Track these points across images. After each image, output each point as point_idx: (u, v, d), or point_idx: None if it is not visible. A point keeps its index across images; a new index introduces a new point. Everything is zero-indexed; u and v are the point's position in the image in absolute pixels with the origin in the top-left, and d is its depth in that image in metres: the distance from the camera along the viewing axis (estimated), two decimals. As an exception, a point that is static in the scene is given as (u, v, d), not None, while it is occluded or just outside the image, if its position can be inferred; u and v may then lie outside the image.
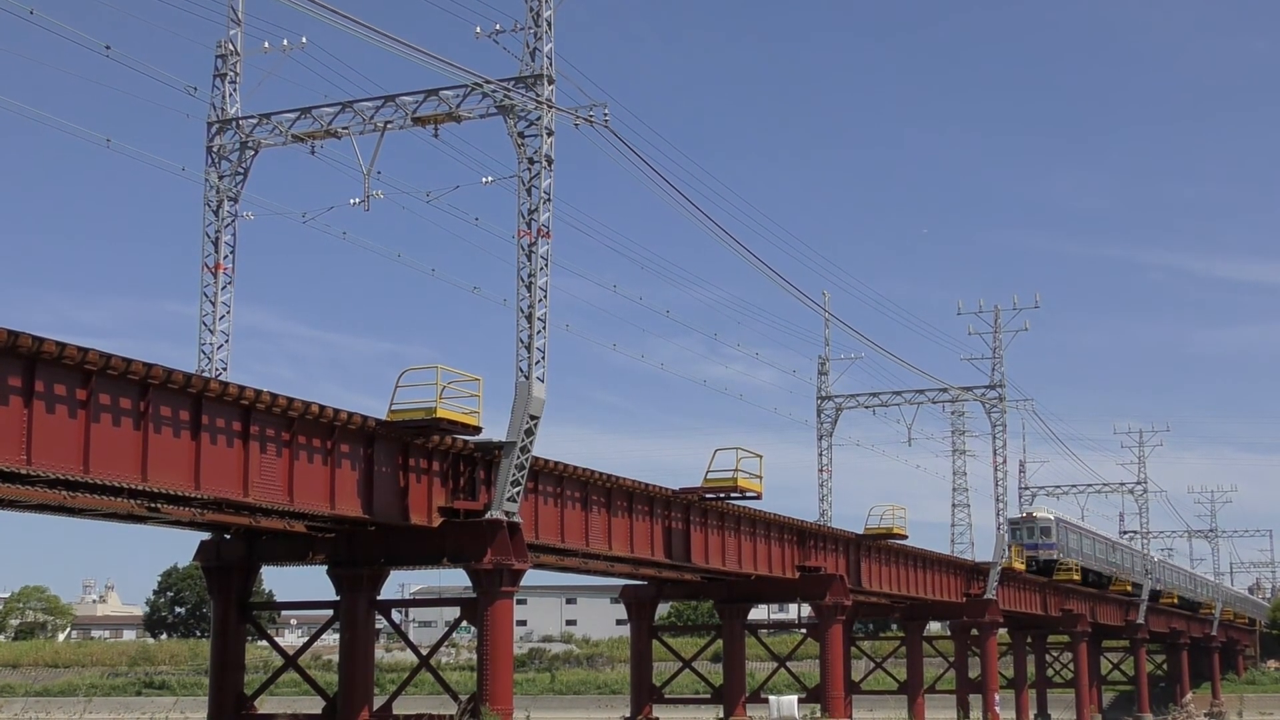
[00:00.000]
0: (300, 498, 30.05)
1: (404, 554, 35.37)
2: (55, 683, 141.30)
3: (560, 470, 38.33)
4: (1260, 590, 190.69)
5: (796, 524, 53.41)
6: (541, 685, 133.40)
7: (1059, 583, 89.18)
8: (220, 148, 35.69)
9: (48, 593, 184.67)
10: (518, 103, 34.05)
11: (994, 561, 72.67)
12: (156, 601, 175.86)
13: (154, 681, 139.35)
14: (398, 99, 35.06)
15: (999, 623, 76.45)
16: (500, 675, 34.12)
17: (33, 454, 24.01)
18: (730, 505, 47.20)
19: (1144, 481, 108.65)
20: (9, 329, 23.43)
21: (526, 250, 33.97)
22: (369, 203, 35.16)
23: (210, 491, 27.82)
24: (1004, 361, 73.81)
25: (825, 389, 72.85)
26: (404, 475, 33.17)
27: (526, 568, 34.80)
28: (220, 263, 34.92)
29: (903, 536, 60.08)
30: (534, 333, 33.90)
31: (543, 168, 34.03)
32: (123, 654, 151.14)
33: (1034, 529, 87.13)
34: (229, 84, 36.10)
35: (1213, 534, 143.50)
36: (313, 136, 35.86)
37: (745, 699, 55.80)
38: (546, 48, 34.42)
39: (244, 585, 36.93)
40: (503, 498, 33.66)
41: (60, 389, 24.50)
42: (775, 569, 52.03)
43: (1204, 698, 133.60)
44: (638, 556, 43.17)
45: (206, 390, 27.52)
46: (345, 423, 30.99)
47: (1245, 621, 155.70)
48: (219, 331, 34.68)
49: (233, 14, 36.06)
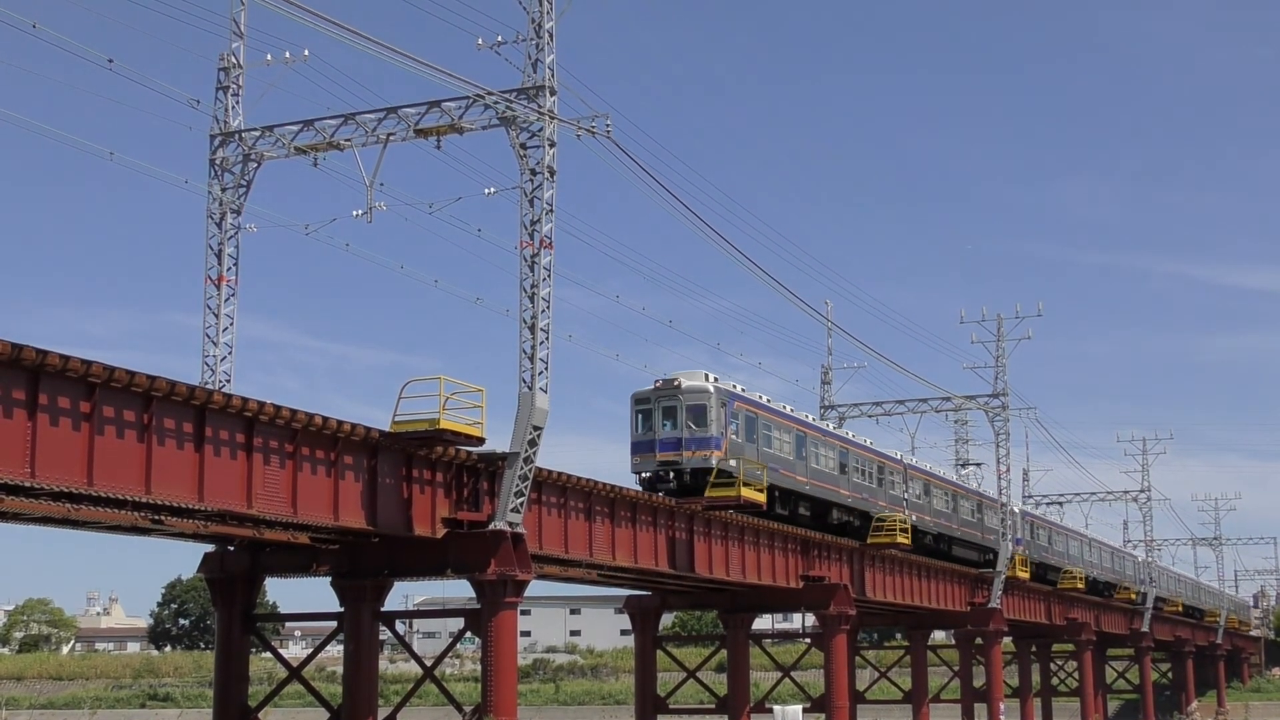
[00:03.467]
0: (304, 509, 30.05)
1: (408, 565, 35.35)
2: (60, 695, 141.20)
3: (564, 480, 38.33)
4: (1265, 598, 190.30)
5: (800, 533, 53.37)
6: (546, 696, 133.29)
7: (1064, 591, 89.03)
8: (223, 160, 35.72)
9: (52, 605, 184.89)
10: (520, 114, 34.09)
11: (998, 570, 72.55)
12: (160, 614, 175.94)
13: (158, 694, 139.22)
14: (400, 111, 35.10)
15: (1003, 631, 76.28)
16: (504, 686, 34.07)
17: (37, 466, 24.03)
18: (734, 515, 47.23)
19: (1148, 489, 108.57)
20: (12, 342, 23.46)
21: (529, 261, 33.98)
22: (372, 214, 35.18)
23: (214, 504, 27.83)
24: (1007, 370, 73.81)
25: (828, 398, 72.93)
26: (407, 486, 33.17)
27: (530, 578, 34.76)
28: (223, 275, 34.93)
29: (906, 545, 60.00)
30: (537, 343, 33.92)
31: (545, 179, 34.06)
32: (127, 666, 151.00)
33: (673, 409, 46.46)
34: (231, 96, 36.14)
35: (1217, 541, 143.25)
36: (315, 149, 35.89)
37: (750, 709, 55.69)
38: (548, 59, 34.47)
39: (248, 597, 36.89)
40: (506, 508, 33.65)
41: (64, 401, 24.51)
42: (779, 578, 51.99)
43: (1209, 706, 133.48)
44: (641, 567, 43.14)
45: (210, 402, 27.54)
46: (349, 434, 31.00)
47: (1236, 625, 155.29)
48: (222, 343, 34.68)
49: (235, 27, 36.11)
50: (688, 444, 45.87)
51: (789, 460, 52.26)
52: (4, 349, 23.17)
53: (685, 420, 46.04)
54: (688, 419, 46.06)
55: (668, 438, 46.21)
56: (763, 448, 49.72)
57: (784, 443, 51.80)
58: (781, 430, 51.43)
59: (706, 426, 45.95)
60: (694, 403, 46.30)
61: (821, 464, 55.72)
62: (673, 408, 46.42)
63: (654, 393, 46.82)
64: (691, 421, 45.98)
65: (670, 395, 46.51)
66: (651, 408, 46.65)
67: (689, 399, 46.31)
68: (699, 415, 46.10)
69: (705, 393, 46.30)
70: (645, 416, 46.78)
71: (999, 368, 73.76)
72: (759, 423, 49.80)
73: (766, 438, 50.30)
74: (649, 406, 46.75)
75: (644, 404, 46.84)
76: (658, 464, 45.77)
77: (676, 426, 46.17)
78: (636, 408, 47.05)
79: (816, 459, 55.27)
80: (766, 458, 49.86)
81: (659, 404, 46.63)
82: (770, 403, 51.74)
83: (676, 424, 46.19)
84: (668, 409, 46.51)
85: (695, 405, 46.27)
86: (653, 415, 46.55)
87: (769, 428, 50.95)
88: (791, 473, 52.53)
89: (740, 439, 47.76)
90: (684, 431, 45.95)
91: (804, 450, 54.13)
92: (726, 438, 46.48)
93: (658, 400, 46.67)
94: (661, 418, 46.49)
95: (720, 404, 46.55)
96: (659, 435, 46.33)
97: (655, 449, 46.11)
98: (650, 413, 46.63)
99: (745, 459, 46.98)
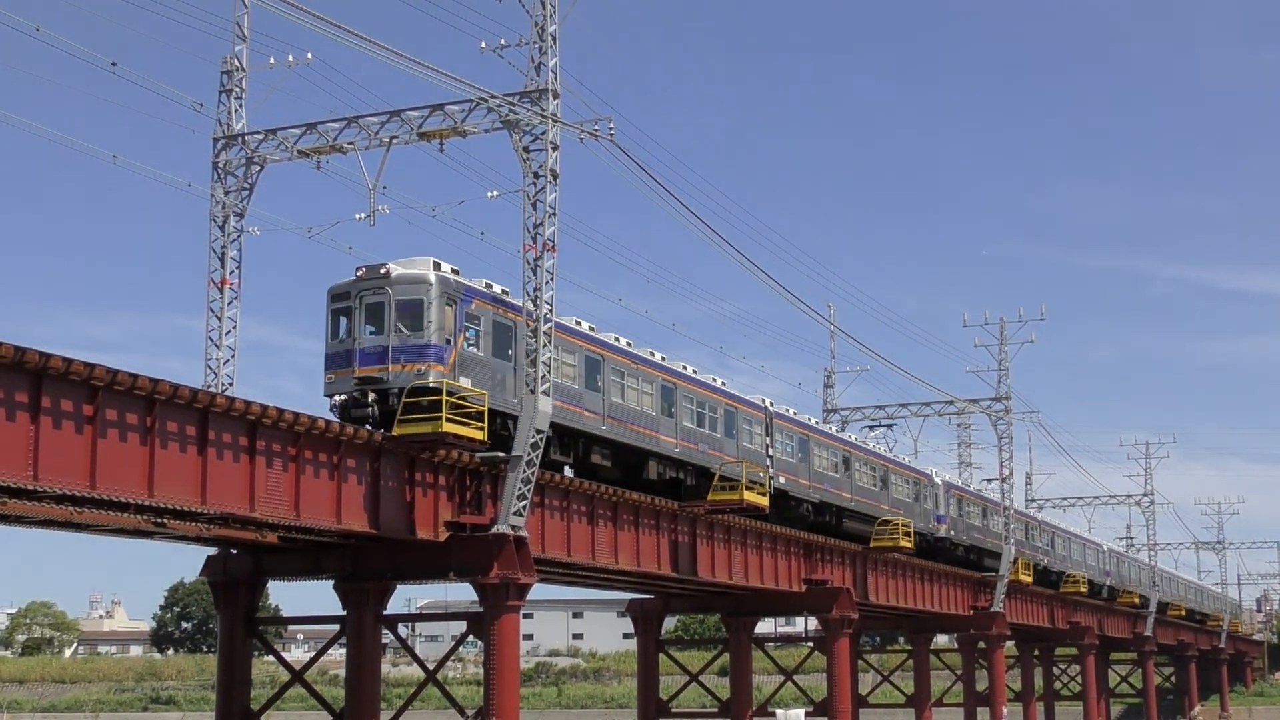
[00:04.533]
0: (307, 512, 30.06)
1: (410, 568, 35.36)
2: (62, 698, 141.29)
3: (566, 484, 38.31)
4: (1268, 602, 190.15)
5: (803, 537, 53.34)
6: (548, 699, 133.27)
7: (1066, 595, 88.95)
8: (226, 163, 35.74)
9: (54, 608, 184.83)
10: (523, 117, 34.10)
11: (1001, 574, 72.48)
12: (163, 617, 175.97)
13: (161, 697, 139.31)
14: (403, 114, 35.11)
15: (1006, 635, 76.23)
16: (507, 690, 34.06)
17: (39, 469, 24.04)
18: (737, 519, 47.16)
19: (1151, 493, 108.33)
20: (15, 345, 23.48)
21: (532, 264, 33.99)
22: (374, 217, 35.15)
23: (217, 507, 27.83)
24: (1010, 373, 73.78)
25: (831, 401, 72.84)
26: (410, 490, 33.18)
27: (533, 582, 34.78)
28: (226, 278, 34.93)
29: (909, 549, 59.94)
30: (540, 347, 33.93)
31: (548, 182, 34.06)
32: (129, 669, 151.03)
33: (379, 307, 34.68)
34: (235, 100, 36.15)
35: (1220, 545, 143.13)
36: (318, 152, 35.92)
37: (752, 713, 55.72)
38: (551, 62, 34.48)
39: (250, 600, 36.91)
40: (509, 512, 33.64)
41: (67, 404, 24.53)
42: (782, 582, 51.98)
43: (1212, 710, 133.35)
44: (644, 571, 43.13)
45: (213, 405, 27.55)
46: (352, 437, 31.02)
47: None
48: (225, 346, 34.69)
49: (238, 30, 36.13)
50: (396, 355, 33.53)
51: (572, 390, 38.66)
52: (7, 352, 23.18)
53: (394, 322, 33.63)
54: (398, 320, 33.67)
55: (371, 347, 33.81)
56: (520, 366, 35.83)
57: (562, 364, 37.88)
58: (558, 346, 36.73)
59: (423, 330, 33.48)
60: (407, 297, 33.73)
61: (628, 399, 41.56)
62: (379, 305, 33.93)
63: (355, 285, 34.43)
64: (403, 323, 33.61)
65: (375, 288, 34.06)
66: (351, 305, 34.28)
67: (401, 292, 33.77)
68: (413, 314, 33.64)
69: (423, 283, 33.77)
70: (343, 319, 34.52)
71: (1002, 371, 73.76)
72: (514, 332, 35.98)
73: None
74: (348, 304, 34.43)
75: (342, 301, 34.55)
76: (355, 382, 33.46)
77: (382, 331, 33.79)
78: (333, 307, 34.73)
79: (620, 392, 41.19)
80: None
81: (361, 301, 34.20)
82: None
83: (383, 327, 33.81)
84: (372, 307, 34.07)
85: (408, 301, 33.71)
86: (353, 316, 34.24)
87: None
88: (577, 406, 38.87)
89: (482, 352, 34.96)
90: (392, 337, 33.58)
91: (598, 378, 40.09)
92: (457, 348, 33.95)
93: (360, 295, 34.24)
94: (364, 319, 34.20)
95: (446, 300, 33.85)
96: (360, 344, 33.94)
97: (354, 362, 33.82)
98: (350, 312, 34.30)
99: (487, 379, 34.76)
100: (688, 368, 46.16)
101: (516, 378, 35.35)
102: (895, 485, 62.82)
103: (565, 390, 37.75)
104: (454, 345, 33.93)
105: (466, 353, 34.31)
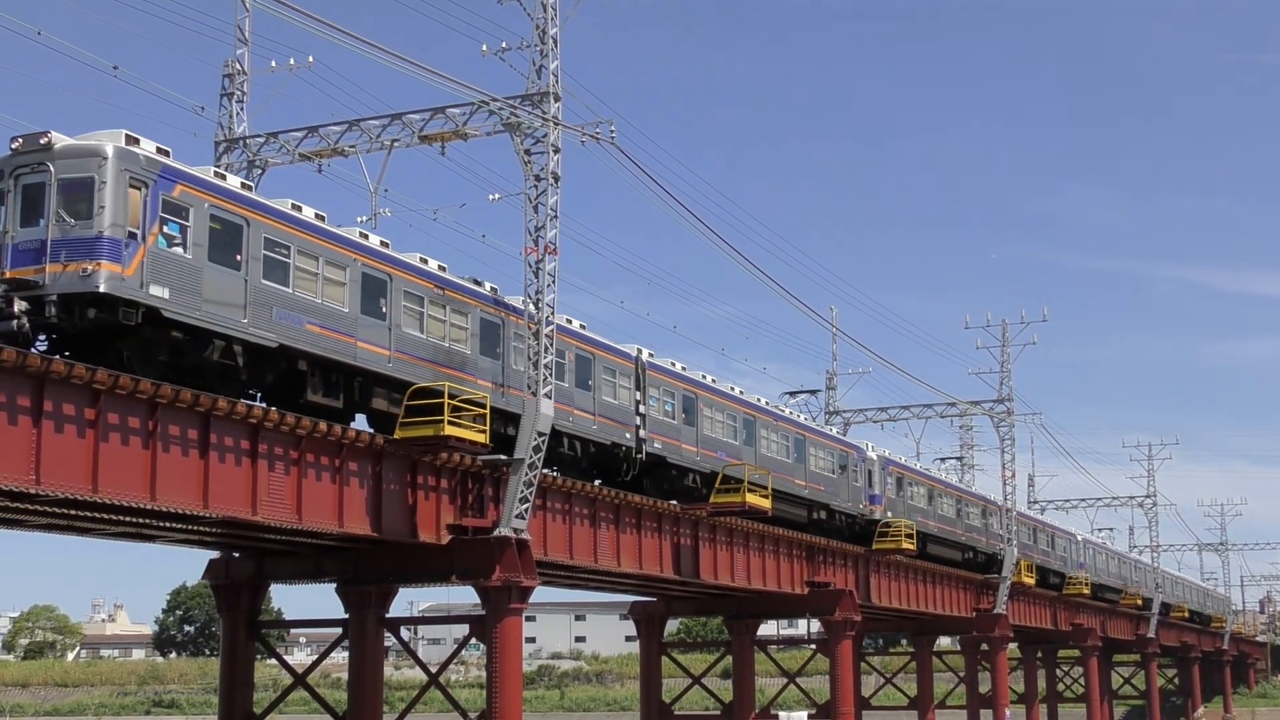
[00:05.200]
0: (309, 516, 30.05)
1: (413, 571, 35.36)
2: (65, 702, 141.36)
3: (569, 487, 38.31)
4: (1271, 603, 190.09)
5: (805, 539, 53.29)
6: (551, 702, 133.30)
7: (1069, 596, 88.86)
8: (228, 166, 35.76)
9: (57, 612, 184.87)
10: (524, 120, 34.10)
11: (1004, 575, 72.45)
12: (165, 620, 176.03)
13: (163, 700, 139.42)
14: (404, 117, 35.13)
15: (1009, 637, 76.19)
16: (509, 692, 34.05)
17: (41, 473, 24.04)
18: (739, 521, 47.12)
19: (1153, 495, 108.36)
20: (17, 349, 23.50)
21: (533, 267, 34.00)
22: (376, 220, 35.17)
23: (219, 510, 27.82)
24: (1012, 375, 73.84)
25: (833, 403, 72.79)
26: (412, 493, 33.17)
27: (535, 584, 34.77)
28: (227, 281, 34.64)
29: (912, 551, 59.91)
30: (541, 349, 33.92)
31: (549, 184, 34.07)
32: (132, 673, 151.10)
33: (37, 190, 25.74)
34: (236, 103, 36.21)
35: (1223, 547, 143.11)
36: (320, 155, 35.96)
37: (755, 715, 55.68)
38: (553, 65, 34.49)
39: (253, 603, 36.91)
40: (511, 515, 33.64)
41: (69, 408, 24.52)
42: (784, 584, 51.95)
43: (1215, 712, 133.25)
44: (646, 573, 43.11)
45: (215, 409, 27.52)
46: (353, 441, 30.99)
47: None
48: (227, 350, 34.44)
49: (240, 34, 36.19)
50: (56, 250, 25.01)
51: (338, 313, 30.16)
52: (9, 356, 23.18)
53: (55, 208, 25.26)
54: (61, 205, 25.26)
55: (25, 242, 25.32)
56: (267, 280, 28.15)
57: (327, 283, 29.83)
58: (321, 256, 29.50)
59: (92, 219, 25.09)
60: (73, 175, 25.33)
61: (429, 331, 33.01)
62: (38, 186, 25.51)
63: (9, 161, 26.02)
64: (66, 209, 25.22)
65: (34, 164, 25.63)
66: (4, 188, 25.91)
67: (66, 169, 25.38)
68: (81, 198, 25.22)
69: (96, 157, 25.42)
70: None
71: (1004, 373, 73.80)
72: (245, 234, 27.86)
73: (274, 262, 28.38)
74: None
75: None
76: (2, 287, 24.93)
77: (39, 218, 25.39)
78: None
79: (420, 323, 32.70)
80: (281, 300, 28.42)
81: (17, 181, 25.75)
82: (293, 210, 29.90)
83: (40, 213, 25.41)
84: (30, 190, 25.64)
85: (75, 180, 25.30)
86: (6, 201, 25.87)
87: (284, 245, 28.64)
88: (349, 335, 30.45)
89: (190, 255, 26.63)
90: (51, 229, 25.15)
91: (380, 302, 31.45)
92: (146, 245, 25.66)
93: (16, 175, 25.80)
94: (19, 205, 25.69)
95: (130, 181, 25.57)
96: (12, 238, 25.46)
97: (3, 260, 25.36)
98: (2, 196, 25.94)
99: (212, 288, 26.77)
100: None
101: (247, 292, 27.54)
102: (814, 457, 54.09)
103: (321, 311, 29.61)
104: (142, 241, 25.63)
105: (163, 253, 25.98)
